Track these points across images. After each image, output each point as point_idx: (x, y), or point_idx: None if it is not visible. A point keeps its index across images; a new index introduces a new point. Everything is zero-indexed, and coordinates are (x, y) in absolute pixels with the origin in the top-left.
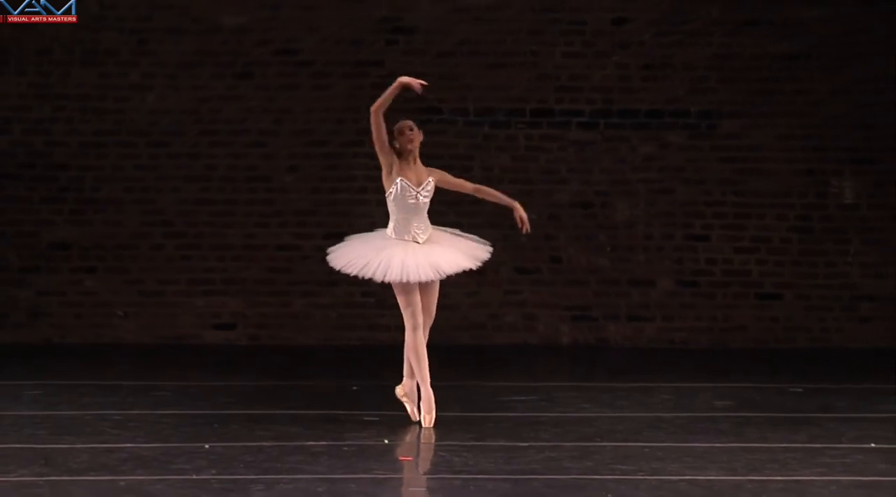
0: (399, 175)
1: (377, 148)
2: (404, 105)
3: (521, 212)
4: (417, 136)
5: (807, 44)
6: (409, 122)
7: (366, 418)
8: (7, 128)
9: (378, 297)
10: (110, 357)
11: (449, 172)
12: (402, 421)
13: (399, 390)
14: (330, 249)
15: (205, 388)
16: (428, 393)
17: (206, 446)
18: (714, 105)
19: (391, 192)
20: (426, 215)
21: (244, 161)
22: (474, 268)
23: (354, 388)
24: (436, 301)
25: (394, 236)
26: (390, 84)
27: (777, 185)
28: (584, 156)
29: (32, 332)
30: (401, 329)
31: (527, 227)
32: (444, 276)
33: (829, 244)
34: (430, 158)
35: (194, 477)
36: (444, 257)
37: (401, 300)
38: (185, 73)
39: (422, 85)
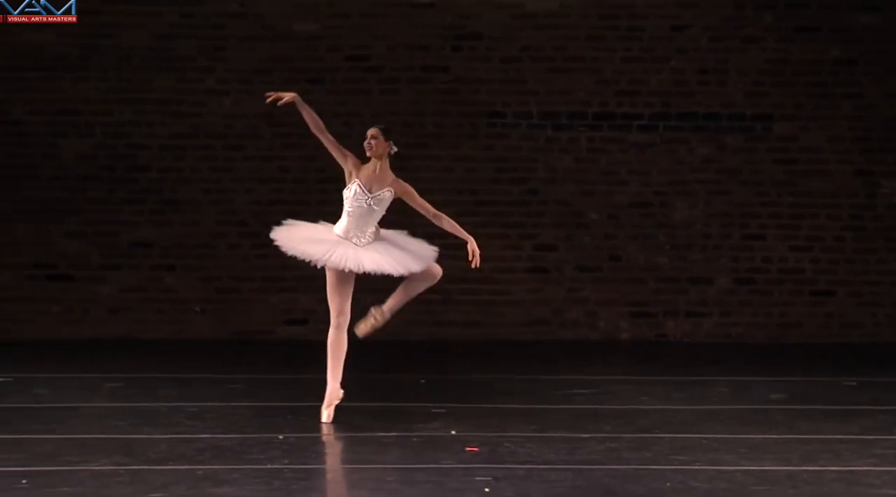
0: (357, 178)
1: (334, 157)
2: (474, 109)
3: (474, 246)
4: (378, 144)
5: (858, 49)
6: (373, 130)
7: (433, 410)
8: (90, 131)
9: (444, 295)
10: (187, 351)
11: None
12: (468, 413)
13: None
14: (279, 229)
15: (278, 381)
16: (333, 387)
17: (280, 437)
18: (769, 108)
19: (347, 191)
20: (374, 222)
21: (316, 163)
22: (395, 274)
23: (422, 381)
24: (429, 270)
25: (339, 233)
26: (455, 90)
27: (830, 186)
28: (643, 157)
29: (114, 327)
30: (467, 324)
31: (477, 262)
32: (362, 271)
33: (881, 242)
34: (495, 161)
35: (268, 466)
36: (371, 258)
37: (330, 291)
38: (258, 79)
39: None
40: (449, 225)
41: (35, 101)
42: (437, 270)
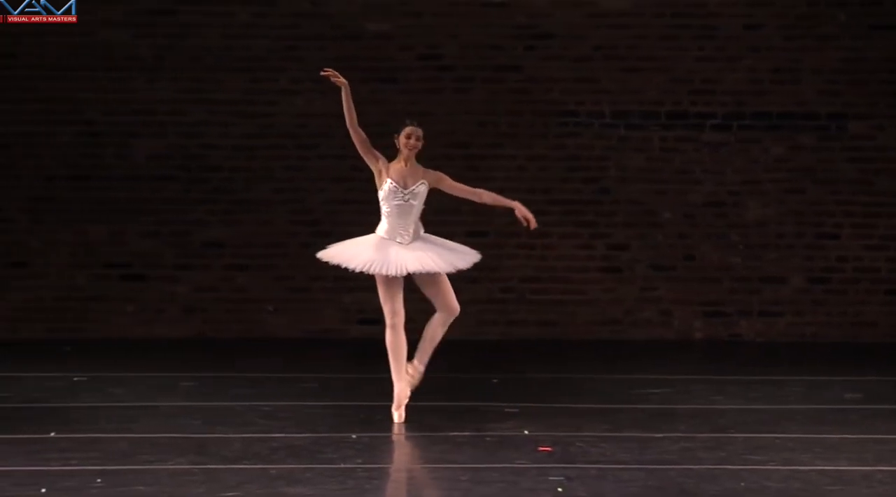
0: (389, 176)
1: (363, 156)
2: (547, 108)
3: (522, 210)
4: (418, 145)
5: None
6: (419, 131)
7: (506, 410)
8: (163, 132)
9: (517, 293)
10: (260, 351)
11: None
12: (541, 412)
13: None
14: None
15: (351, 380)
16: (400, 388)
17: (354, 436)
18: (843, 107)
19: (381, 193)
20: (415, 218)
21: None
22: (441, 271)
23: (495, 380)
24: (447, 295)
25: (383, 235)
26: (528, 89)
27: None
28: (717, 157)
29: (187, 326)
30: (540, 323)
31: (533, 223)
32: (406, 273)
33: None
34: (567, 160)
35: (341, 466)
36: (416, 256)
37: (381, 295)
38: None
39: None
40: (490, 198)
41: (108, 102)
42: (456, 306)
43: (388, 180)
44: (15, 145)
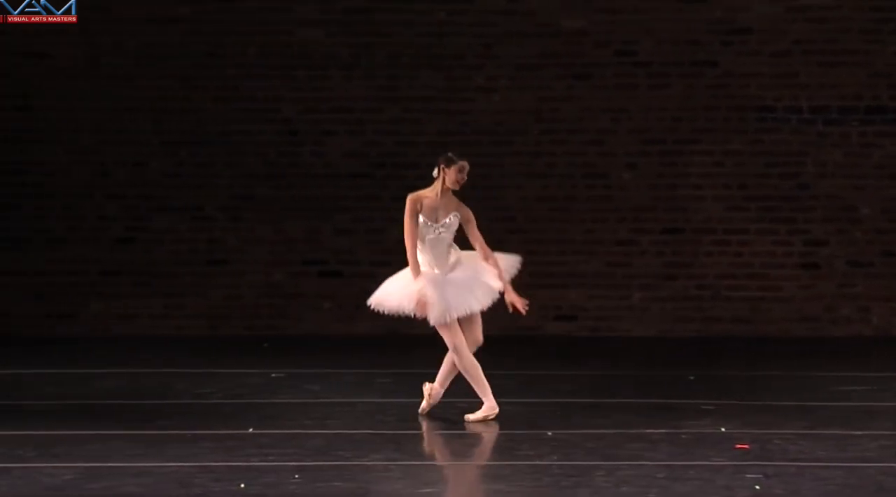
0: (422, 213)
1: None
2: (743, 103)
3: (511, 296)
4: (464, 180)
5: None
6: (468, 167)
7: (703, 407)
8: (360, 129)
9: (713, 290)
10: None
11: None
12: (737, 410)
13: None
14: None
15: (547, 377)
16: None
17: (549, 434)
18: None
19: (419, 227)
20: (448, 247)
21: (582, 158)
22: (484, 308)
23: (691, 378)
24: (477, 327)
25: (425, 268)
26: (725, 84)
27: None
28: None
29: (383, 323)
30: (736, 320)
31: (522, 310)
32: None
33: None
34: (764, 156)
35: (538, 462)
36: (461, 296)
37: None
38: (527, 75)
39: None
40: (492, 263)
41: (306, 100)
42: (481, 338)
43: (423, 217)
44: (215, 144)
